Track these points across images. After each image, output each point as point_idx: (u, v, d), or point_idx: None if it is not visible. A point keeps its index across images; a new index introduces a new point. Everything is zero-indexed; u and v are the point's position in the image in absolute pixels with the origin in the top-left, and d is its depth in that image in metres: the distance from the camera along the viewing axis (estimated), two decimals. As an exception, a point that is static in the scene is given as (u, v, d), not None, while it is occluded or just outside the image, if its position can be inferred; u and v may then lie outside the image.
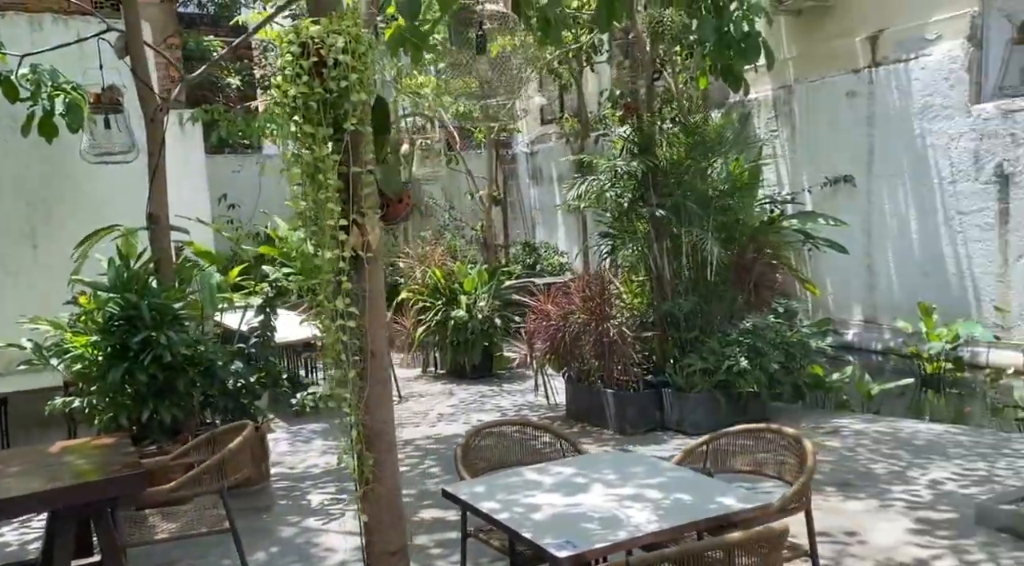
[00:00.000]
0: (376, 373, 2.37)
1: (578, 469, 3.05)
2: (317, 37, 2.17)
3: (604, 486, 2.84)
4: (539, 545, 2.33)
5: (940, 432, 6.02)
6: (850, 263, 10.07)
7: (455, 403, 7.84)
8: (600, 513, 2.58)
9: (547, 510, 2.63)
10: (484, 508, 2.65)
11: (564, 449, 3.53)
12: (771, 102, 11.38)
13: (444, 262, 9.24)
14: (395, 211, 2.48)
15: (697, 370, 6.34)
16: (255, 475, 5.05)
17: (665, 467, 3.05)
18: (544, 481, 2.92)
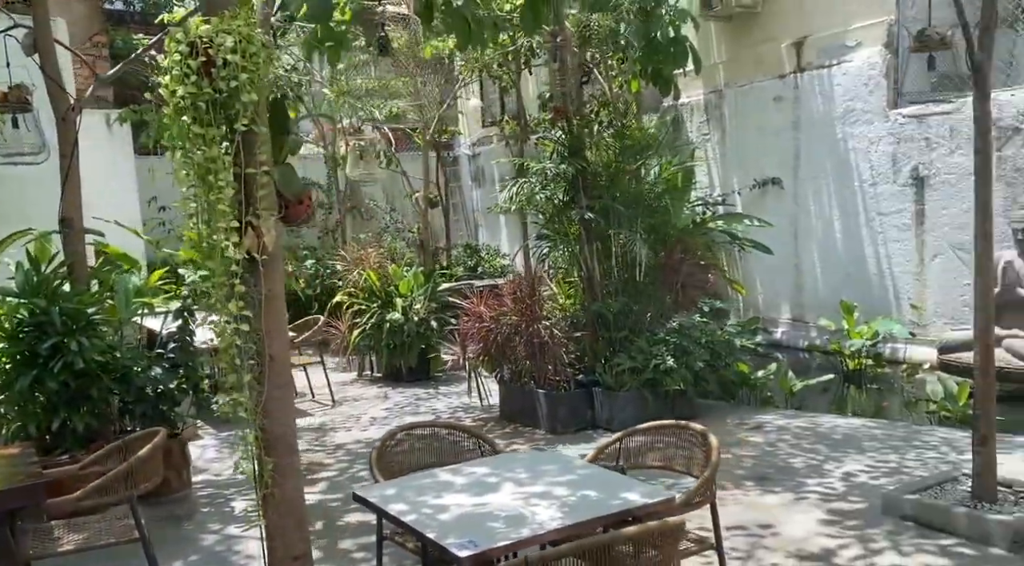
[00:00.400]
0: (275, 377, 2.35)
1: (491, 469, 3.08)
2: (206, 36, 2.15)
3: (514, 485, 2.87)
4: (442, 545, 2.34)
5: (857, 426, 6.23)
6: (778, 263, 10.35)
7: (389, 406, 7.80)
8: (506, 512, 2.61)
9: (455, 510, 2.65)
10: (392, 510, 2.66)
11: (483, 449, 3.55)
12: (703, 106, 11.62)
13: (380, 265, 9.19)
14: (295, 212, 2.47)
15: (626, 369, 6.44)
16: (176, 483, 4.95)
17: (577, 465, 3.10)
18: (456, 482, 2.94)
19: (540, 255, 7.34)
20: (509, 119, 13.48)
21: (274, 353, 2.34)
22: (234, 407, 2.29)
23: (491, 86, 14.66)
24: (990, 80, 4.19)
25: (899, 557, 3.87)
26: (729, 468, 5.37)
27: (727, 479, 5.15)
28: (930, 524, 4.15)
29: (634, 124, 6.98)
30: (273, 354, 2.34)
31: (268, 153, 2.34)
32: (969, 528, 3.98)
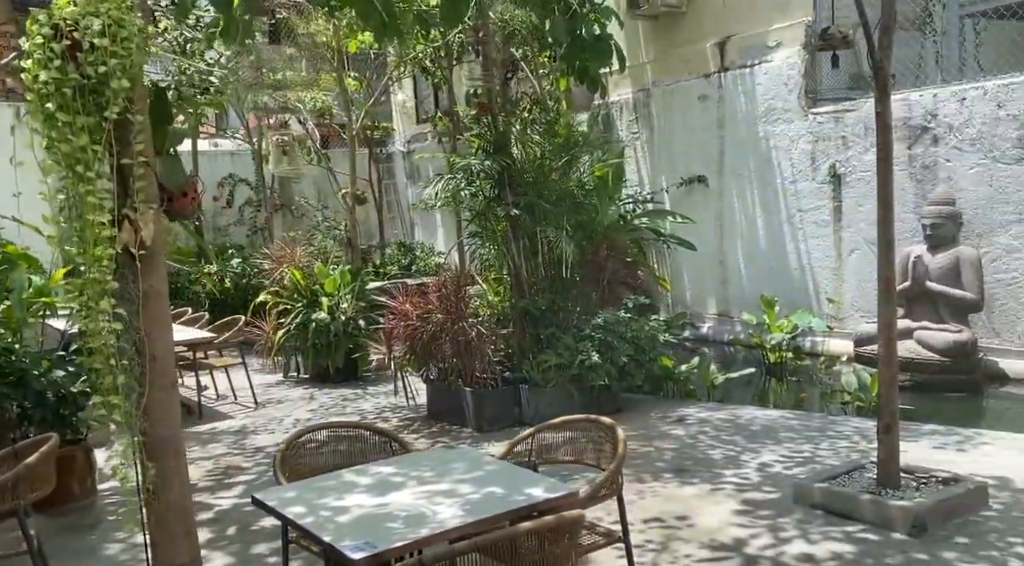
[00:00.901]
0: (158, 378, 2.25)
1: (397, 468, 3.03)
2: (71, 18, 2.04)
3: (419, 484, 2.83)
4: (337, 548, 2.29)
5: (775, 417, 6.37)
6: (705, 259, 10.54)
7: (315, 408, 7.65)
8: (407, 511, 2.56)
9: (355, 512, 2.59)
10: (290, 513, 2.58)
11: (393, 449, 3.49)
12: (632, 105, 11.75)
13: (306, 263, 9.02)
14: (180, 205, 2.37)
15: (552, 365, 6.45)
16: (80, 490, 4.75)
17: (485, 462, 3.08)
18: (360, 482, 2.88)
19: (471, 252, 7.30)
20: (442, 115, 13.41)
21: (157, 353, 2.24)
22: (109, 410, 2.18)
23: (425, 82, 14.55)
24: (890, 79, 4.31)
25: (807, 545, 3.96)
26: (650, 461, 5.43)
27: (647, 471, 5.20)
28: (838, 511, 4.26)
29: (561, 121, 6.98)
30: (156, 354, 2.24)
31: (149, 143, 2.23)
32: (873, 514, 4.10)
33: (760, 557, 3.87)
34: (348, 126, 9.09)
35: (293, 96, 9.69)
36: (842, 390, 6.84)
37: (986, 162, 7.52)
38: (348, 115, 8.90)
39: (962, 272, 7.29)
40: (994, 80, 7.55)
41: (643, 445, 5.80)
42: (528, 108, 7.92)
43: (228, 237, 15.58)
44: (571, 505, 2.64)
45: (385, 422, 6.96)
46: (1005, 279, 7.44)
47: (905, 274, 7.67)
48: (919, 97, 8.10)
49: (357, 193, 9.07)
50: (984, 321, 7.57)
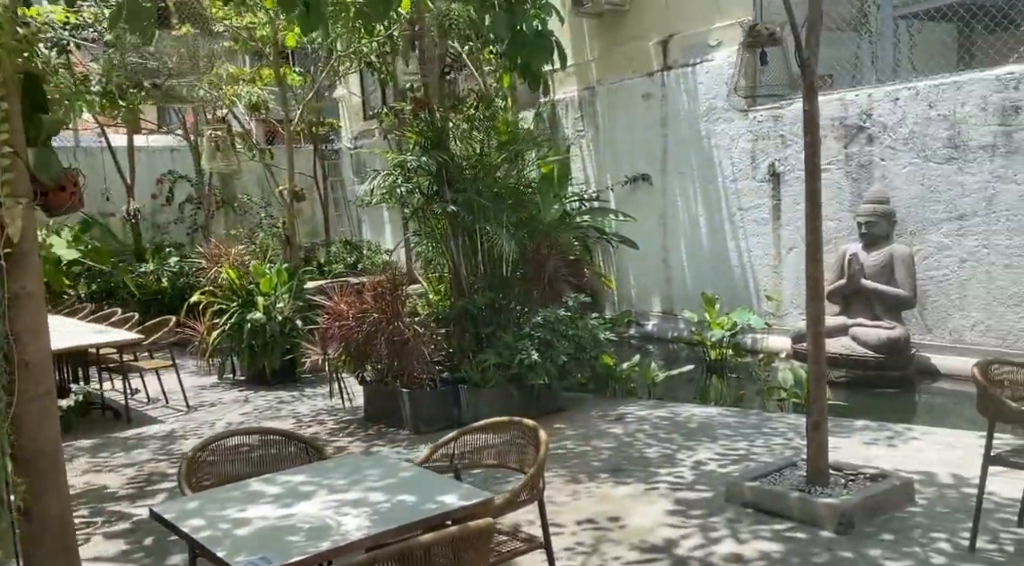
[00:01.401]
0: (30, 386, 2.09)
1: (309, 477, 2.90)
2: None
3: (329, 492, 2.71)
4: (229, 564, 2.16)
5: (713, 415, 6.38)
6: (649, 257, 10.58)
7: (248, 411, 7.44)
8: (311, 523, 2.44)
9: (257, 524, 2.47)
10: (186, 527, 2.44)
11: (310, 455, 3.36)
12: (577, 103, 11.73)
13: (240, 262, 8.77)
14: (56, 200, 2.21)
15: (491, 365, 6.36)
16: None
17: (401, 468, 2.97)
18: (267, 492, 2.75)
19: (415, 251, 7.17)
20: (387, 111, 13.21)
21: (29, 359, 2.08)
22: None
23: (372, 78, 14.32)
24: (818, 78, 4.32)
25: (736, 544, 3.94)
26: (587, 460, 5.38)
27: (584, 472, 5.15)
28: (768, 510, 4.25)
29: (502, 117, 6.88)
30: (28, 361, 2.08)
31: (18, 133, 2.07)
32: (801, 512, 4.10)
33: (689, 558, 3.83)
34: (286, 121, 8.87)
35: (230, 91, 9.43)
36: (778, 387, 6.89)
37: (918, 161, 7.65)
38: (286, 110, 8.69)
39: (895, 270, 7.41)
40: (925, 81, 7.69)
41: (581, 444, 5.75)
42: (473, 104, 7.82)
43: (168, 235, 15.15)
44: (486, 512, 2.56)
45: (321, 425, 6.80)
46: (937, 276, 7.58)
47: (841, 272, 7.78)
48: (855, 97, 8.21)
49: (295, 190, 8.85)
50: (917, 318, 7.71)
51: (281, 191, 9.00)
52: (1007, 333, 7.16)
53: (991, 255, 7.18)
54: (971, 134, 7.23)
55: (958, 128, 7.32)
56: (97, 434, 6.80)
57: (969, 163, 7.27)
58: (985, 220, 7.20)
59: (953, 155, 7.38)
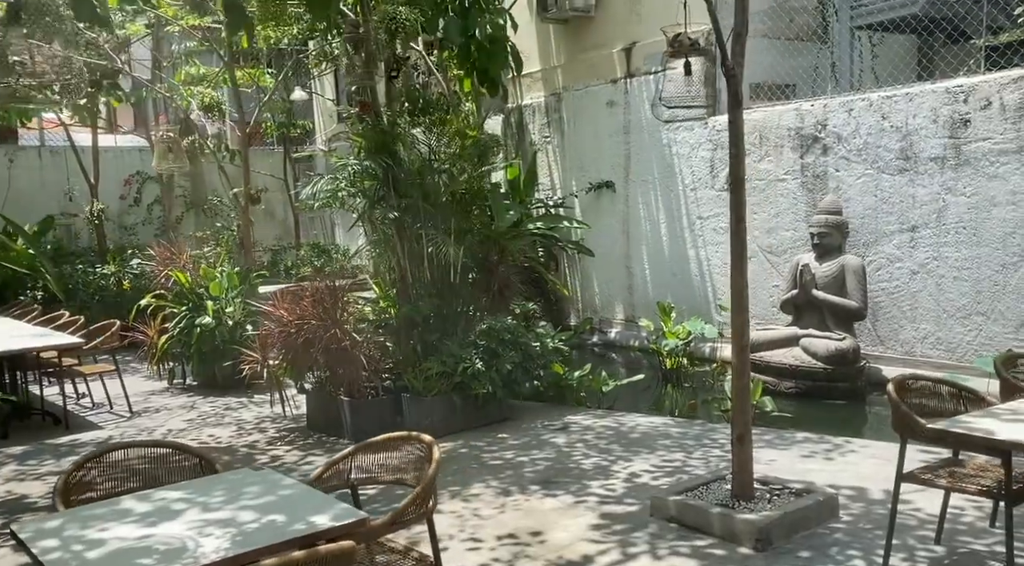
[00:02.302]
0: None
1: (186, 493, 2.81)
2: None
3: (201, 511, 2.62)
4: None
5: (657, 425, 6.32)
6: (612, 265, 10.54)
7: (192, 418, 7.32)
8: (169, 544, 2.35)
9: (112, 545, 2.37)
10: (38, 547, 2.35)
11: (203, 468, 3.26)
12: (544, 108, 11.68)
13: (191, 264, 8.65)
14: None
15: (435, 374, 6.27)
16: None
17: (285, 485, 2.87)
18: (136, 509, 2.65)
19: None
20: (355, 115, 13.10)
21: None
22: None
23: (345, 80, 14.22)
24: (742, 85, 4.27)
25: (653, 561, 3.87)
26: (521, 472, 5.30)
27: (515, 484, 5.07)
28: (691, 525, 4.19)
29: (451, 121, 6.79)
30: None
31: None
32: (721, 528, 4.04)
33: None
34: (241, 123, 8.76)
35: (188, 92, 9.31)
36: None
37: (872, 172, 7.64)
38: (241, 112, 8.58)
39: (846, 280, 7.38)
40: (879, 92, 7.68)
41: (519, 455, 5.67)
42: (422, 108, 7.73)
43: (135, 236, 14.96)
44: (369, 532, 2.47)
45: (262, 433, 6.69)
46: (888, 288, 7.56)
47: (794, 282, 7.75)
48: (811, 107, 8.20)
49: (251, 192, 8.74)
50: (870, 329, 7.69)
51: (236, 193, 8.88)
52: (956, 345, 7.14)
53: (941, 267, 7.17)
54: (922, 146, 7.22)
55: (910, 140, 7.31)
56: (31, 440, 6.66)
57: (920, 175, 7.26)
58: (936, 232, 7.19)
59: (905, 166, 7.37)
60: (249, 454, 6.07)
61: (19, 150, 14.55)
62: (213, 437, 6.59)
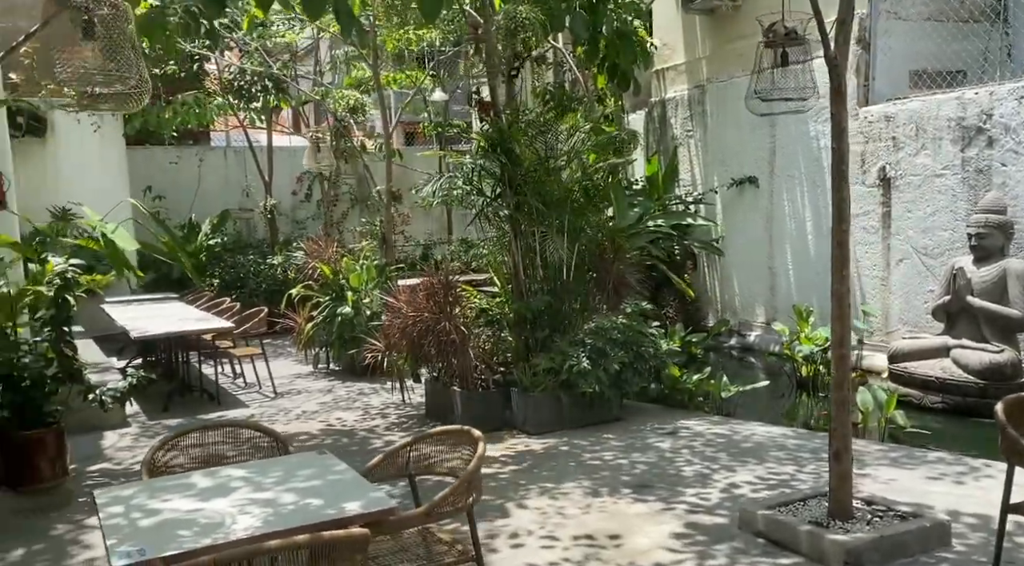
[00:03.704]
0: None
1: (249, 472, 3.02)
2: None
3: (251, 489, 2.81)
4: (109, 551, 2.29)
5: (775, 435, 5.99)
6: (754, 265, 10.09)
7: (326, 401, 7.79)
8: (210, 519, 2.54)
9: (165, 515, 2.60)
10: (105, 512, 2.62)
11: (278, 448, 3.49)
12: (687, 101, 11.35)
13: (336, 257, 9.21)
14: None
15: (542, 370, 6.30)
16: (48, 472, 5.01)
17: (335, 471, 3.01)
18: (200, 484, 2.89)
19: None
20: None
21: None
22: None
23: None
24: (845, 75, 3.95)
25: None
26: (617, 474, 5.22)
27: (606, 485, 5.00)
28: (778, 541, 3.95)
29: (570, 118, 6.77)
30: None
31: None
32: (809, 547, 3.78)
33: (673, 586, 3.64)
34: (384, 123, 9.20)
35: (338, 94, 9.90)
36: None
37: (1044, 166, 6.81)
38: (384, 114, 9.01)
39: (1008, 286, 6.64)
40: (1055, 76, 6.82)
41: (619, 456, 5.59)
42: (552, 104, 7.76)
43: (305, 230, 16.07)
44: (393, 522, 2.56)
45: (383, 418, 7.01)
46: (1060, 296, 6.70)
47: (948, 287, 7.07)
48: (975, 95, 7.42)
49: (392, 190, 9.16)
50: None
51: (379, 191, 9.34)
52: None
53: (1125, 274, 6.26)
54: (1105, 136, 6.34)
55: (1091, 129, 6.44)
56: (186, 414, 7.35)
57: (1102, 169, 6.38)
58: (1120, 234, 6.29)
59: (1084, 159, 6.50)
60: (366, 438, 6.39)
61: (209, 151, 16.06)
62: (339, 420, 6.99)
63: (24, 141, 12.04)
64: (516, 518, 4.52)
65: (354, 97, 9.52)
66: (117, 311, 8.91)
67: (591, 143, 6.92)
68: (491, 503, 4.74)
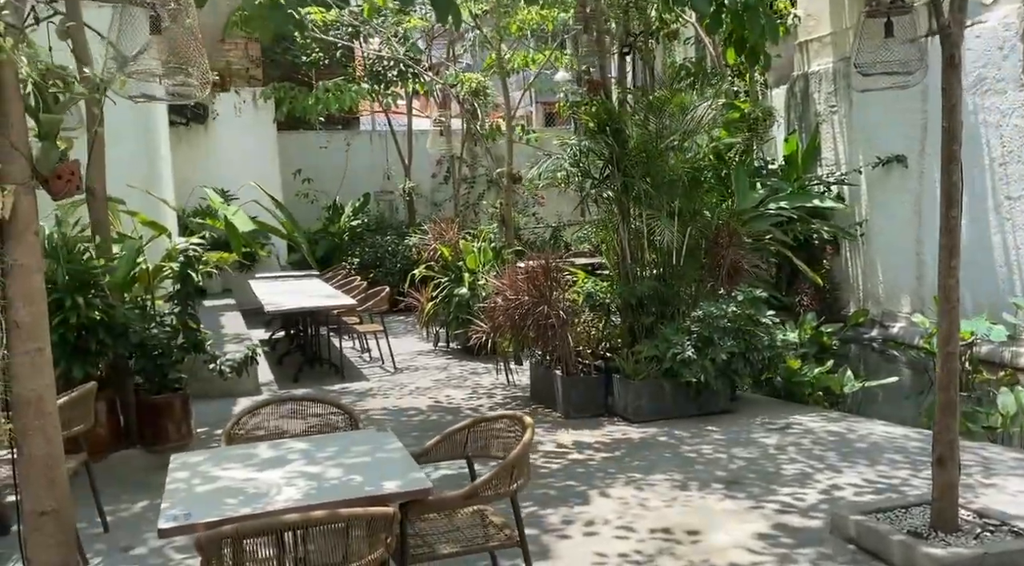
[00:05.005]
0: (20, 343, 2.56)
1: (310, 445, 3.15)
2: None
3: (305, 462, 2.93)
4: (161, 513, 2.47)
5: (895, 436, 5.55)
6: (900, 250, 9.36)
7: (440, 378, 8.00)
8: (258, 489, 2.68)
9: (221, 482, 2.77)
10: (171, 476, 2.83)
11: (350, 423, 3.62)
12: (831, 75, 10.63)
13: (458, 239, 9.41)
14: (55, 187, 2.64)
15: (644, 357, 6.17)
16: (175, 434, 5.46)
17: (389, 449, 3.08)
18: (262, 455, 3.04)
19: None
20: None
21: (20, 320, 2.56)
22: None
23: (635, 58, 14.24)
24: (961, 45, 3.54)
25: (807, 584, 3.47)
26: (712, 468, 5.03)
27: (698, 479, 4.83)
28: (869, 550, 3.67)
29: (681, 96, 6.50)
30: (19, 321, 2.55)
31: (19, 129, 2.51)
32: (902, 559, 3.47)
33: (744, 589, 3.47)
34: (507, 104, 9.25)
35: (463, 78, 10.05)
36: (996, 412, 5.77)
37: None
38: (506, 95, 9.06)
39: None
40: None
41: (718, 450, 5.37)
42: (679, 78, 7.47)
43: (442, 211, 16.53)
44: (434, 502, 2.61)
45: (490, 398, 7.11)
46: None
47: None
48: None
49: (512, 173, 9.24)
50: None
51: (499, 173, 9.43)
52: None
53: None
54: None
55: None
56: (313, 385, 7.79)
57: None
58: None
59: None
60: (469, 416, 6.50)
61: (356, 135, 16.83)
62: (448, 397, 7.17)
63: (189, 129, 13.13)
64: (596, 506, 4.46)
65: (476, 79, 9.63)
66: (261, 286, 9.56)
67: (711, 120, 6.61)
68: (574, 489, 4.71)
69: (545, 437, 5.81)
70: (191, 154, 12.96)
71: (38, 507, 2.60)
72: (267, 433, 3.55)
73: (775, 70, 11.45)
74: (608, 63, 6.48)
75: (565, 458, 5.32)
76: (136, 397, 5.45)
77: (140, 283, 5.60)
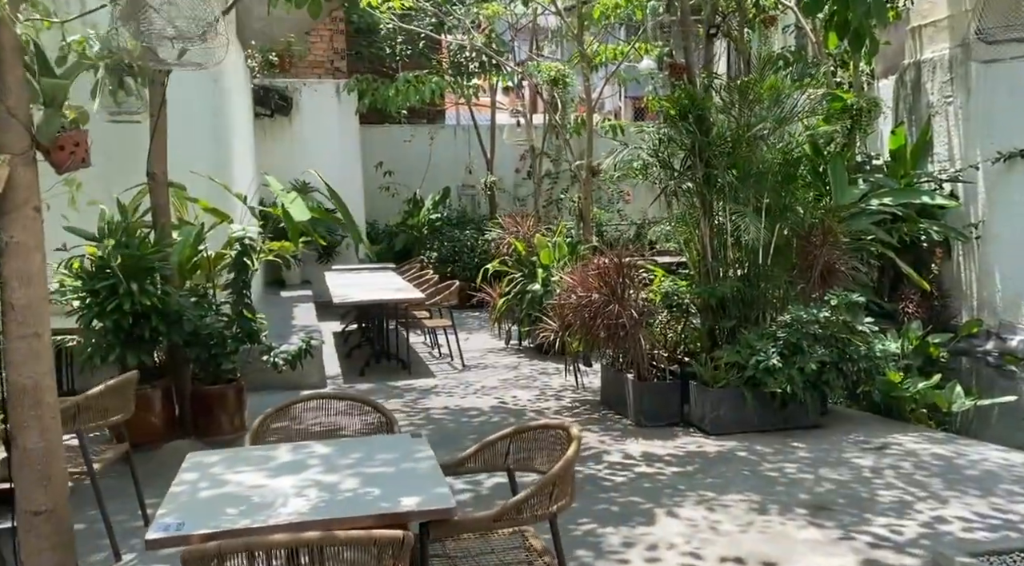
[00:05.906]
0: (18, 327, 2.36)
1: (334, 450, 2.86)
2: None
3: (322, 470, 2.65)
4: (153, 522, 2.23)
5: (1015, 463, 4.88)
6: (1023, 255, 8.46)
7: (508, 377, 7.70)
8: (263, 499, 2.41)
9: (228, 488, 2.51)
10: (180, 477, 2.59)
11: (385, 426, 3.33)
12: (947, 63, 9.74)
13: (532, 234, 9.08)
14: (57, 159, 2.42)
15: (724, 363, 5.67)
16: (228, 425, 5.32)
17: (418, 459, 2.75)
18: (280, 459, 2.78)
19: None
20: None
21: (16, 302, 2.35)
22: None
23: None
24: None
25: (901, 638, 2.96)
26: (795, 491, 4.51)
27: (778, 503, 4.33)
28: (979, 604, 3.12)
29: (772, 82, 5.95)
30: (14, 303, 2.35)
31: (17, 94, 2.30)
32: (1019, 620, 2.92)
33: (826, 639, 2.99)
34: (587, 95, 8.83)
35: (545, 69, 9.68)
36: None
37: None
38: (587, 86, 8.65)
39: None
40: None
41: (804, 470, 4.84)
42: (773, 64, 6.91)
43: (525, 206, 16.24)
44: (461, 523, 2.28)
45: (558, 401, 6.75)
46: None
47: None
48: None
49: (591, 165, 8.81)
50: None
51: (578, 166, 9.05)
52: None
53: None
54: None
55: None
56: (379, 380, 7.61)
57: None
58: None
59: None
60: (533, 420, 6.16)
61: (441, 129, 16.73)
62: (514, 398, 6.84)
63: (275, 120, 13.28)
64: (662, 527, 4.03)
65: (555, 69, 9.26)
66: (335, 278, 9.48)
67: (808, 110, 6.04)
68: (638, 506, 4.29)
69: (612, 446, 5.40)
70: (274, 147, 13.09)
71: (32, 506, 2.40)
72: (296, 434, 3.30)
73: (883, 59, 10.66)
74: (693, 46, 5.98)
75: (632, 471, 4.91)
76: (191, 387, 5.34)
77: (201, 270, 5.50)
